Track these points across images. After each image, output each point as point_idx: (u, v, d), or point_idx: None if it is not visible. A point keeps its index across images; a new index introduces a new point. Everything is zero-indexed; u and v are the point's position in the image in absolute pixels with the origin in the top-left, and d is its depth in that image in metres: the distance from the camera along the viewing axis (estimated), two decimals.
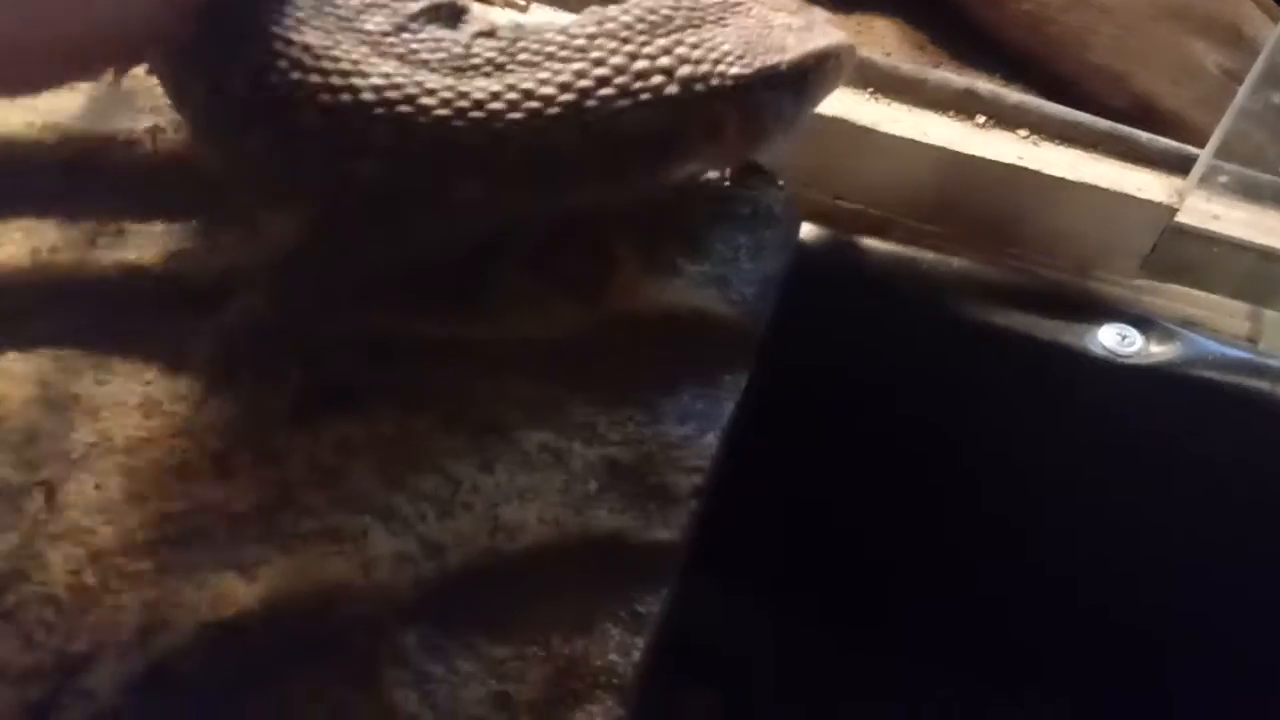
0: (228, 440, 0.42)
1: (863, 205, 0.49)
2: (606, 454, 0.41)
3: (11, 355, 0.44)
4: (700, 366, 0.43)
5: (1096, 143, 0.49)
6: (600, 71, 0.37)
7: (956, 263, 0.47)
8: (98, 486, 0.41)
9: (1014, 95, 0.50)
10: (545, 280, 0.44)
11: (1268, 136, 0.56)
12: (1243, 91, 0.45)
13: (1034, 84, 0.63)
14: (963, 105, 0.50)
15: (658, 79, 0.37)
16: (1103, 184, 0.45)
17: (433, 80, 0.37)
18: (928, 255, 0.47)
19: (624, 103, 0.37)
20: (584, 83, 0.37)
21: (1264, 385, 0.45)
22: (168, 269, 0.45)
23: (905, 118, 0.48)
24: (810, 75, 0.40)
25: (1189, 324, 0.48)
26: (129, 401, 0.43)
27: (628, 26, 0.38)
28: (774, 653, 0.57)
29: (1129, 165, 0.49)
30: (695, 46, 0.38)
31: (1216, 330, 0.48)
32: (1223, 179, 0.47)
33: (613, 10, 0.39)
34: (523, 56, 0.38)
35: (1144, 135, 0.49)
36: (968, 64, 0.65)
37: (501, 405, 0.43)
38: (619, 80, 0.37)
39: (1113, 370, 0.46)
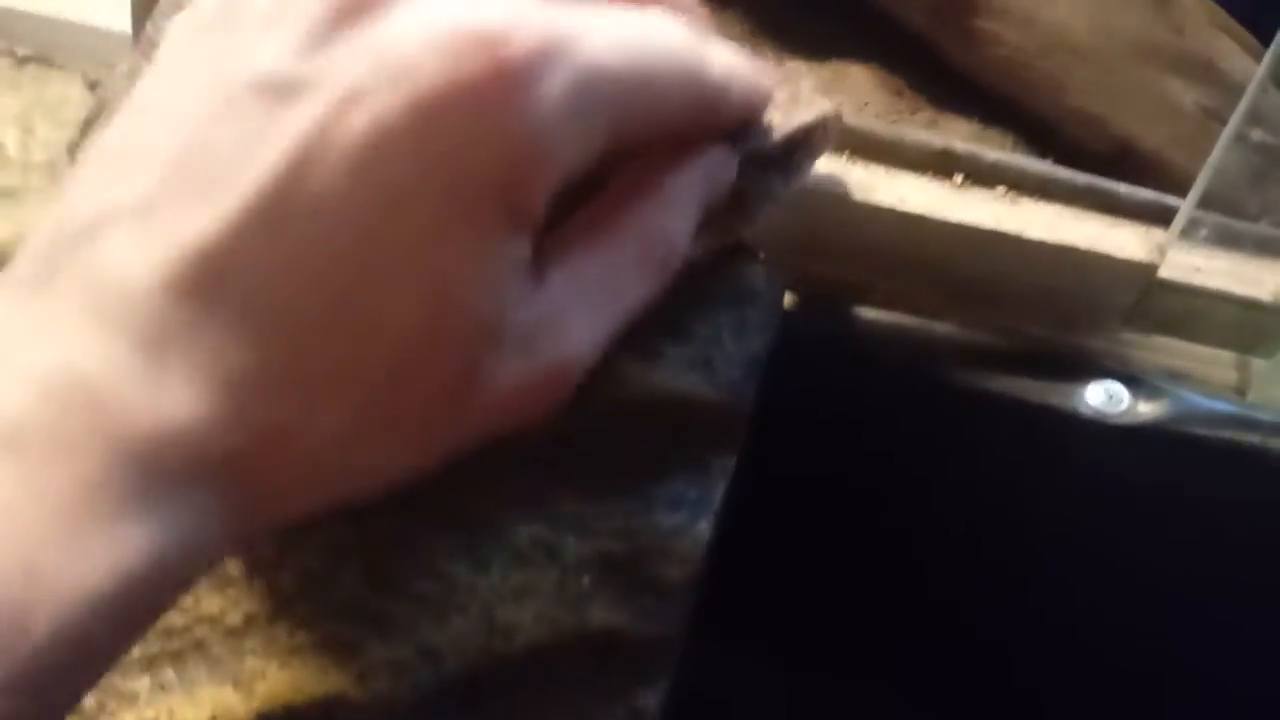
0: None
1: (843, 270, 0.49)
2: (599, 547, 0.42)
3: None
4: (689, 451, 0.43)
5: (1075, 196, 0.49)
6: None
7: (940, 328, 0.47)
8: None
9: (991, 153, 0.50)
10: None
11: (1247, 184, 0.56)
12: (1220, 143, 0.45)
13: (1013, 127, 0.63)
14: (940, 164, 0.50)
15: None
16: (1082, 244, 0.45)
17: None
18: (912, 321, 0.47)
19: None
20: None
21: (1254, 439, 0.45)
22: None
23: (883, 183, 0.48)
24: (797, 151, 0.40)
25: (1176, 376, 0.48)
26: None
27: None
28: (786, 706, 0.57)
29: (1108, 220, 0.48)
30: None
31: (1205, 380, 0.48)
32: (1203, 231, 0.47)
33: None
34: None
35: (1123, 187, 0.49)
36: (946, 108, 0.65)
37: (492, 499, 0.43)
38: None
39: (1102, 430, 0.45)
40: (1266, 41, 0.44)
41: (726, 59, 0.32)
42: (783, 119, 0.39)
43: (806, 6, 0.74)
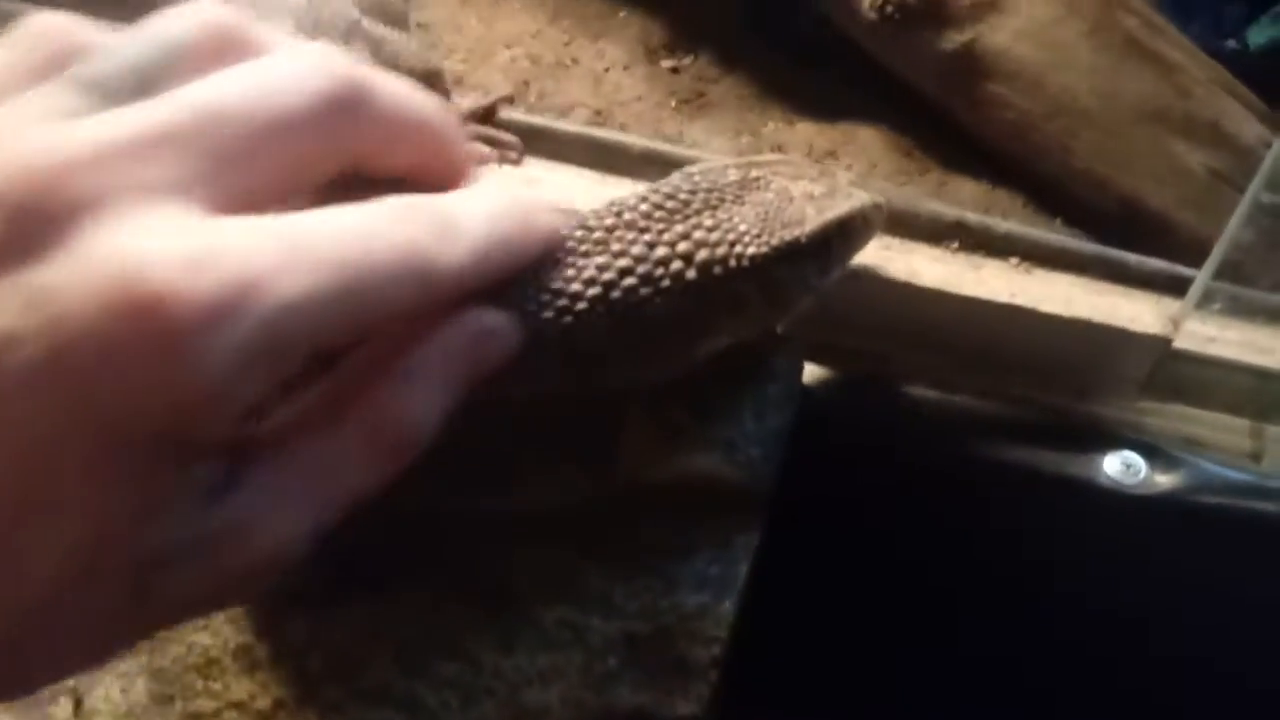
0: (249, 633, 0.43)
1: (861, 342, 0.49)
2: (625, 627, 0.42)
3: None
4: (712, 531, 0.43)
5: (1087, 266, 0.50)
6: (622, 263, 0.37)
7: (959, 400, 0.48)
8: (124, 690, 0.42)
9: (1003, 224, 0.51)
10: (555, 447, 0.45)
11: (1263, 249, 0.57)
12: (1237, 215, 0.45)
13: (1022, 188, 0.64)
14: (953, 235, 0.51)
15: (677, 265, 0.37)
16: (1096, 318, 0.46)
17: None
18: (931, 395, 0.48)
19: (646, 290, 0.37)
20: (608, 275, 0.37)
21: (1269, 507, 0.46)
22: None
23: (897, 258, 0.48)
24: (834, 242, 0.40)
25: (1192, 443, 0.49)
26: None
27: (646, 215, 0.38)
28: None
29: (1121, 290, 0.49)
30: (712, 230, 0.38)
31: (1219, 447, 0.49)
32: (1217, 303, 0.48)
33: (630, 199, 0.39)
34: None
35: (1132, 258, 0.50)
36: (955, 170, 0.65)
37: (519, 579, 0.43)
38: (641, 270, 0.37)
39: (1120, 501, 0.46)
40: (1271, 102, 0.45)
41: (484, 229, 0.30)
42: (816, 212, 0.39)
43: (815, 68, 0.75)
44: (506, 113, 0.57)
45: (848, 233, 0.40)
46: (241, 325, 0.23)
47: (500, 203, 0.31)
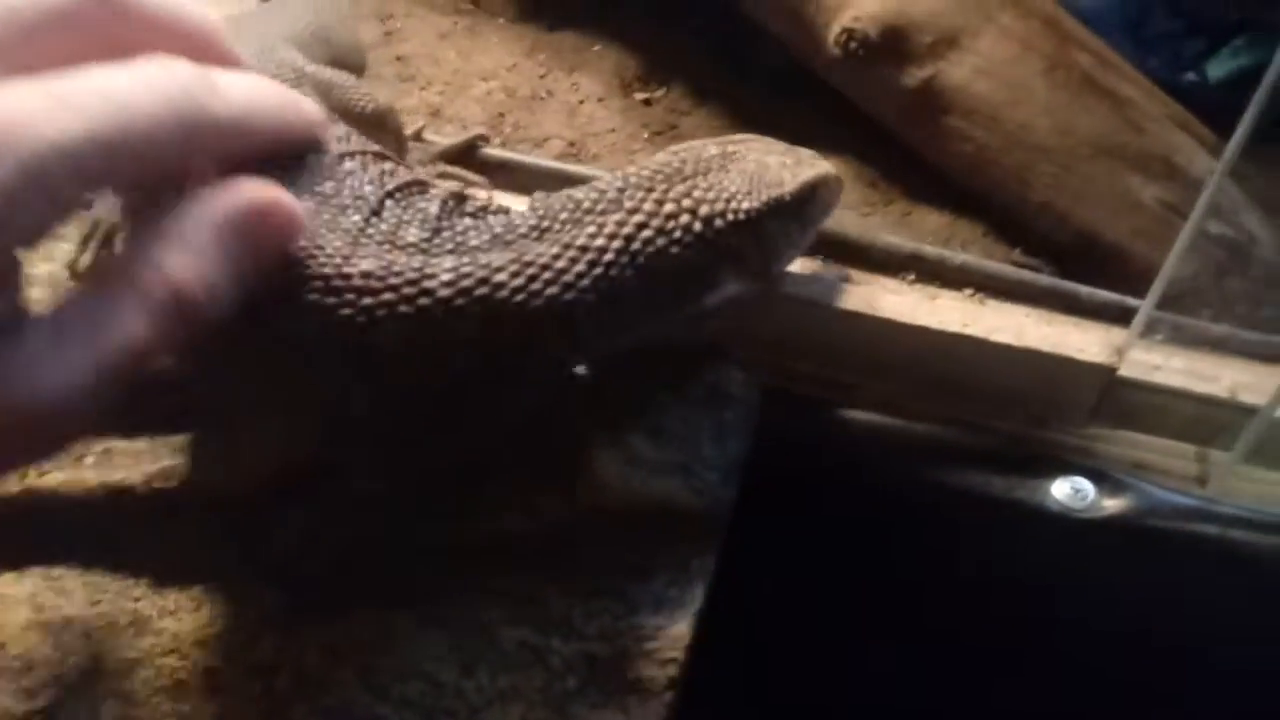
0: (217, 655, 0.44)
1: (818, 370, 0.51)
2: (584, 649, 0.43)
3: (6, 577, 0.45)
4: (670, 554, 0.44)
5: (1039, 297, 0.51)
6: (637, 218, 0.42)
7: (912, 427, 0.49)
8: (94, 714, 0.42)
9: (959, 256, 0.52)
10: (516, 474, 0.46)
11: (1210, 277, 0.59)
12: (1177, 247, 0.47)
13: (983, 219, 0.65)
14: (910, 267, 0.52)
15: (685, 218, 0.43)
16: (1045, 348, 0.47)
17: (495, 258, 0.40)
18: (884, 421, 0.49)
19: (662, 241, 0.42)
20: (627, 229, 0.42)
21: (1213, 530, 0.47)
22: (152, 486, 0.46)
23: (854, 289, 0.50)
24: (808, 202, 0.46)
25: (1140, 468, 0.50)
26: (120, 621, 0.44)
27: (649, 179, 0.44)
28: None
29: (1072, 320, 0.51)
30: (708, 190, 0.44)
31: (1167, 472, 0.50)
32: (1160, 334, 0.49)
33: (630, 169, 0.44)
34: (563, 216, 0.42)
35: (1083, 289, 0.51)
36: (919, 200, 0.67)
37: (480, 601, 0.44)
38: (654, 223, 0.43)
39: (1068, 525, 0.47)
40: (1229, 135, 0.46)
41: (244, 93, 0.32)
42: (792, 176, 0.45)
43: (783, 100, 0.77)
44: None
45: (820, 193, 0.46)
46: (3, 164, 0.26)
47: (264, 81, 0.34)
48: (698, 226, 0.43)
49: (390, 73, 0.77)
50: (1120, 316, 0.51)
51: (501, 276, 0.39)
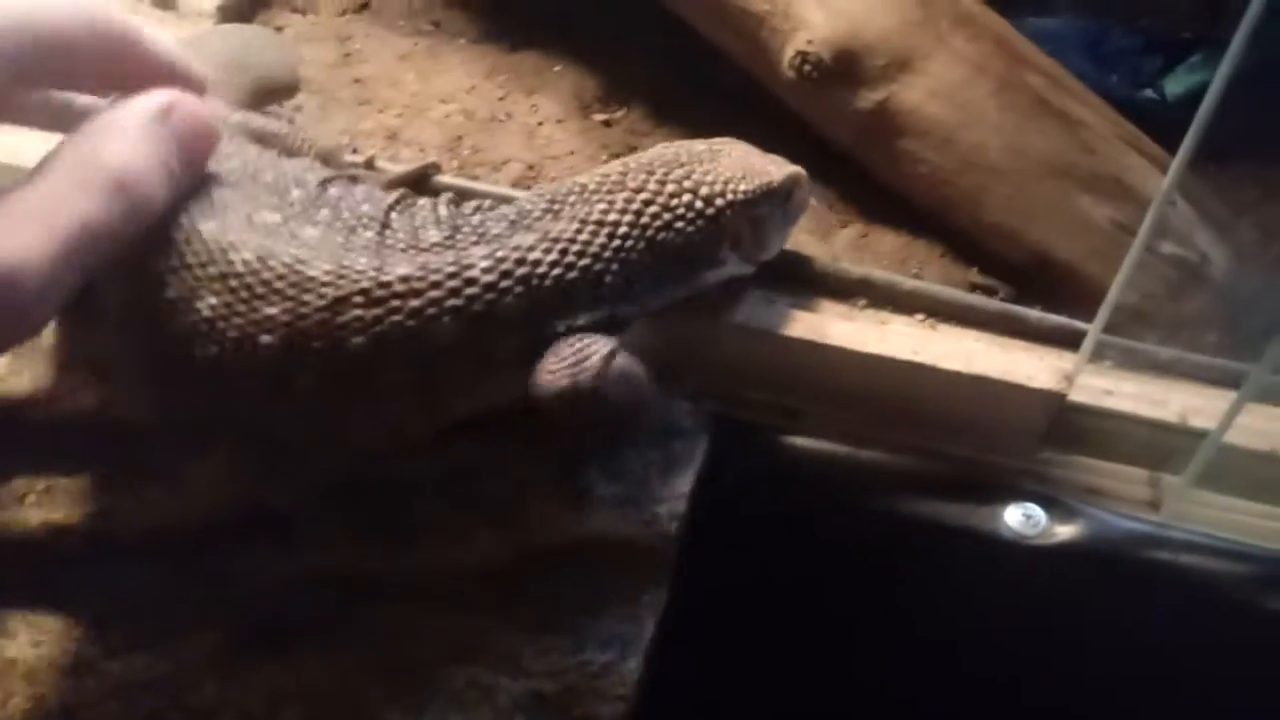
0: (160, 698, 0.43)
1: (768, 398, 0.51)
2: (532, 686, 0.43)
3: None
4: (620, 589, 0.44)
5: (990, 322, 0.52)
6: (643, 195, 0.46)
7: (864, 455, 0.49)
8: None
9: (909, 282, 0.52)
10: (464, 509, 0.46)
11: (1164, 297, 0.59)
12: (1124, 268, 0.47)
13: (940, 239, 0.65)
14: (861, 293, 0.52)
15: (687, 198, 0.46)
16: (994, 375, 0.47)
17: (523, 239, 0.43)
18: (836, 449, 0.49)
19: (668, 217, 0.46)
20: (635, 206, 0.45)
21: (1164, 555, 0.47)
22: (95, 525, 0.46)
23: (804, 316, 0.50)
24: (791, 194, 0.50)
25: (1092, 492, 0.50)
26: (63, 664, 0.44)
27: (649, 163, 0.48)
28: None
29: (1022, 345, 0.51)
30: (706, 174, 0.48)
31: (1119, 496, 0.50)
32: (1108, 359, 0.50)
33: (628, 158, 0.48)
34: (571, 199, 0.46)
35: (1033, 314, 0.52)
36: (875, 221, 0.67)
37: (428, 640, 0.44)
38: (659, 200, 0.46)
39: (1020, 552, 0.47)
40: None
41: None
42: (776, 169, 0.50)
43: (742, 121, 0.76)
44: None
45: (798, 191, 0.51)
46: None
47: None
48: (699, 205, 0.46)
49: (348, 95, 0.77)
50: (1071, 340, 0.51)
51: (535, 254, 0.43)
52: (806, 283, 0.52)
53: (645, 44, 0.81)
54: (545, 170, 0.73)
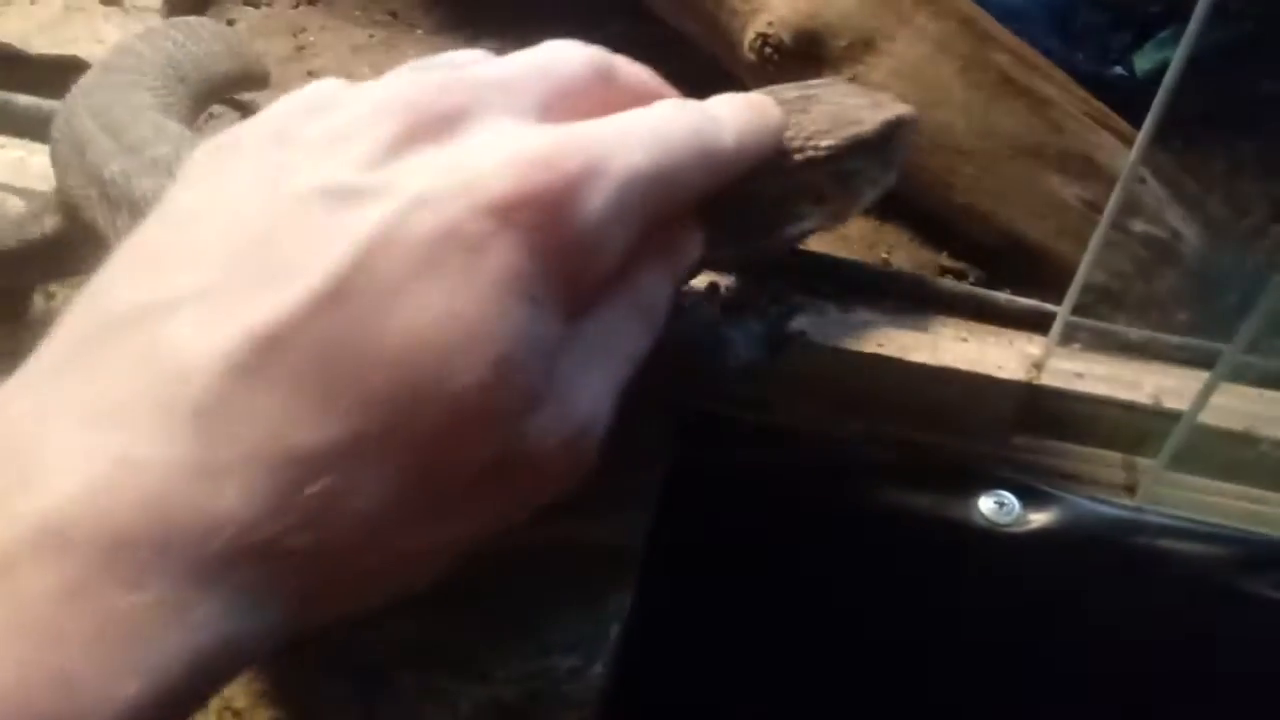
0: None
1: (735, 390, 0.49)
2: (494, 693, 0.41)
3: None
4: (583, 591, 0.43)
5: (957, 306, 0.50)
6: None
7: (834, 445, 0.48)
8: None
9: (873, 269, 0.51)
10: None
11: (1128, 284, 0.58)
12: (1091, 248, 0.46)
13: (909, 222, 0.64)
14: (827, 279, 0.51)
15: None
16: (962, 366, 0.46)
17: None
18: (806, 440, 0.48)
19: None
20: None
21: (1142, 540, 0.46)
22: None
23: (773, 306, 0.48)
24: (889, 141, 0.46)
25: (1068, 477, 0.49)
26: None
27: None
28: None
29: (991, 331, 0.50)
30: (790, 128, 0.44)
31: (1095, 480, 0.49)
32: (1077, 343, 0.48)
33: None
34: None
35: (1002, 297, 0.51)
36: None
37: (386, 645, 0.42)
38: None
39: (995, 540, 0.46)
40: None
41: (735, 120, 0.36)
42: (870, 116, 0.45)
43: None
44: None
45: (900, 131, 0.46)
46: (603, 186, 0.29)
47: (738, 101, 0.37)
48: (778, 159, 0.43)
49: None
50: (1042, 323, 0.50)
51: None
52: (774, 270, 0.51)
53: (605, 31, 0.79)
54: None
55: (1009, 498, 0.47)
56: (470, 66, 0.33)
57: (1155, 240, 0.60)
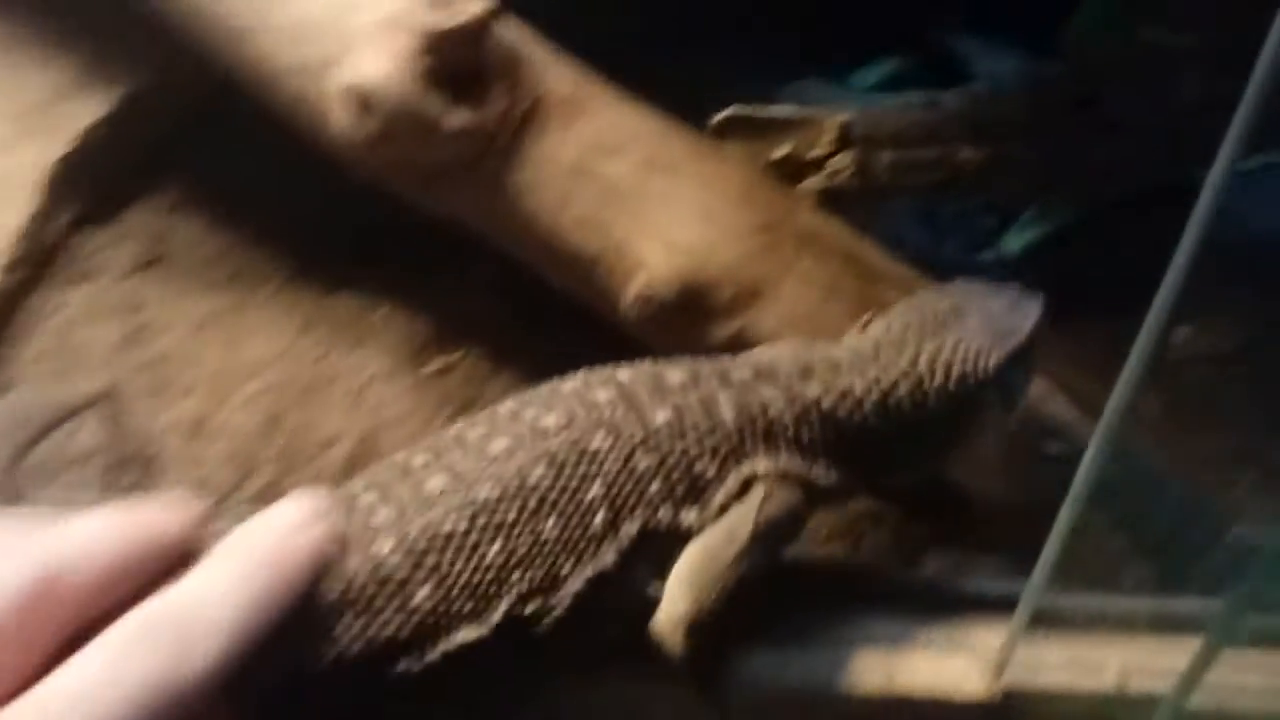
0: None
1: None
2: None
3: None
4: None
5: (919, 597, 0.47)
6: (893, 373, 0.45)
7: None
8: None
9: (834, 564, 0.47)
10: None
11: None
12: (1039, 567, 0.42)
13: None
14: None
15: (939, 379, 0.45)
16: (918, 692, 0.42)
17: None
18: None
19: (917, 396, 0.45)
20: (885, 383, 0.45)
21: None
22: None
23: None
24: (1036, 342, 0.47)
25: None
26: None
27: (900, 336, 0.46)
28: None
29: (949, 632, 0.46)
30: (955, 348, 0.45)
31: None
32: (1042, 631, 0.45)
33: (876, 329, 0.48)
34: (822, 368, 0.46)
35: (967, 586, 0.47)
36: None
37: None
38: (910, 378, 0.45)
39: None
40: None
41: (228, 615, 0.30)
42: (1020, 321, 0.47)
43: (591, 352, 0.69)
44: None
45: (1041, 329, 0.47)
46: None
47: (244, 565, 0.31)
48: (950, 386, 0.45)
49: (141, 384, 0.67)
50: (1002, 605, 0.46)
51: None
52: None
53: (474, 276, 0.74)
54: (380, 441, 0.65)
55: None
56: None
57: (1072, 455, 0.57)
